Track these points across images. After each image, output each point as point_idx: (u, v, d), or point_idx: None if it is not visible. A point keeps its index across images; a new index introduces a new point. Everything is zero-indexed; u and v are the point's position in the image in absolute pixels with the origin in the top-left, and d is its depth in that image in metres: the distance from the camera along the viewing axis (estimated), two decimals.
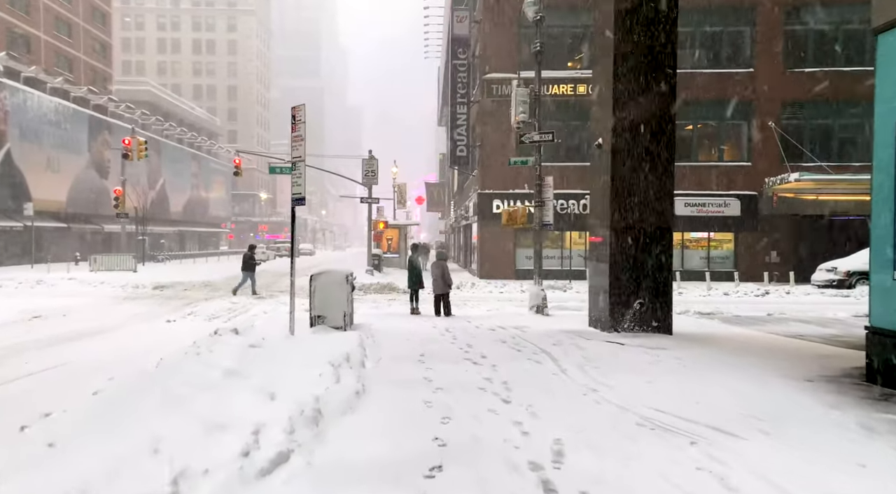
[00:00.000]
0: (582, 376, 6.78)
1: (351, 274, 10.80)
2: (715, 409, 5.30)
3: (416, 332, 10.73)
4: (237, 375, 5.96)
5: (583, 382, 6.48)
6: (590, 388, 6.14)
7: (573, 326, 11.54)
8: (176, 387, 5.15)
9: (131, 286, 20.06)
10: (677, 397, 5.73)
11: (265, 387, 5.53)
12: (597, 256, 10.99)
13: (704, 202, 25.03)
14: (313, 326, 10.06)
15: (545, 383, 6.43)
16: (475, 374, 6.94)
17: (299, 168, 8.90)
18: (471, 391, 6.08)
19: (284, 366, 6.55)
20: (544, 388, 6.17)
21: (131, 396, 4.76)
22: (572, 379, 6.66)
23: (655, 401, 5.55)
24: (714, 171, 25.02)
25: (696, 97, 24.78)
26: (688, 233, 25.79)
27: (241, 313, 14.10)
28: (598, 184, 10.96)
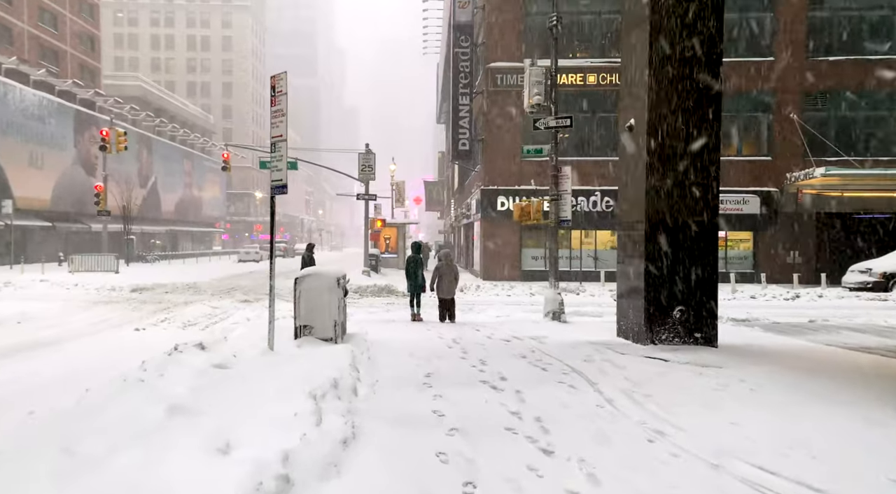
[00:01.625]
0: (635, 409, 5.29)
1: (343, 276, 9.31)
2: (840, 467, 3.82)
3: (419, 344, 9.25)
4: (186, 413, 4.46)
5: (639, 418, 4.99)
6: (654, 430, 4.65)
7: (599, 336, 10.07)
8: (86, 440, 3.65)
9: (107, 288, 18.54)
10: (778, 445, 4.25)
11: (219, 434, 4.03)
12: (627, 257, 9.52)
13: (722, 199, 23.41)
14: (298, 338, 8.57)
15: (591, 421, 4.94)
16: (497, 405, 5.46)
17: (280, 149, 7.41)
18: (496, 434, 4.60)
19: (253, 397, 5.06)
20: (593, 430, 4.68)
21: (6, 464, 3.26)
22: (624, 413, 5.18)
23: (752, 453, 4.07)
24: (732, 166, 23.57)
25: None
26: None
27: (221, 319, 12.61)
28: (630, 174, 9.49)
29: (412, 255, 12.35)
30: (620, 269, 9.81)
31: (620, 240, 9.90)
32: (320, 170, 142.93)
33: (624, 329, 9.65)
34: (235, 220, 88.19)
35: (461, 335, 10.39)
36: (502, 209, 24.23)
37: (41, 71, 38.13)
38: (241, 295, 17.49)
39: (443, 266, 12.06)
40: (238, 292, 18.50)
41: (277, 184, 7.47)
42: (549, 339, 9.74)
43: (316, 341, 8.44)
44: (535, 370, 7.19)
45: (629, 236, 9.46)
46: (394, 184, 44.34)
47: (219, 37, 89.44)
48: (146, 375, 5.47)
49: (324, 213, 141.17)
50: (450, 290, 11.94)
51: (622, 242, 9.81)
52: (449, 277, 11.89)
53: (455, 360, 7.93)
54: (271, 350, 7.53)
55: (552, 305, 12.21)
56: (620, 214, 9.94)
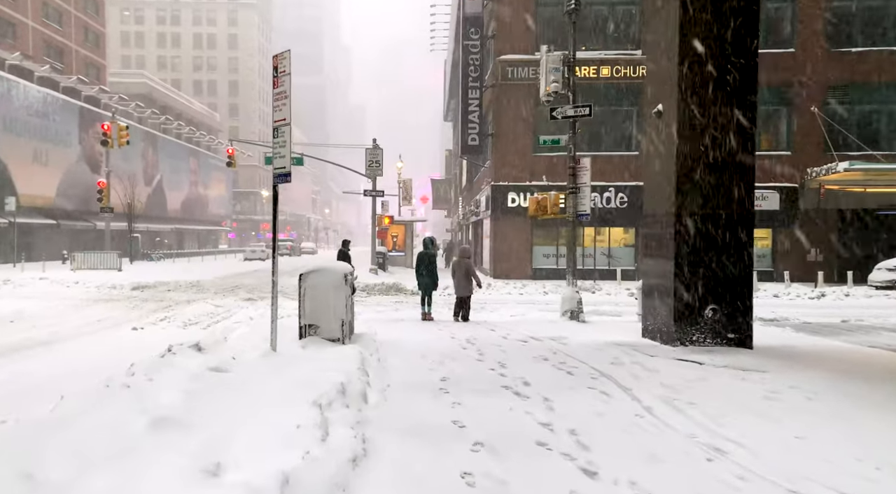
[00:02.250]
0: (680, 420, 4.69)
1: (350, 272, 8.75)
2: None
3: (431, 345, 8.67)
4: (173, 426, 3.90)
5: (688, 431, 4.40)
6: (709, 446, 4.05)
7: (622, 337, 9.46)
8: (52, 460, 3.09)
9: (108, 286, 18.06)
10: (861, 466, 3.64)
11: (209, 452, 3.48)
12: (654, 252, 8.90)
13: None
14: (303, 338, 8.01)
15: (633, 434, 4.35)
16: (524, 414, 4.88)
17: (283, 134, 6.85)
18: (528, 449, 4.01)
19: (250, 407, 4.50)
20: (638, 446, 4.09)
21: None
22: (668, 424, 4.58)
23: (832, 476, 3.47)
24: None
25: None
26: None
27: (223, 318, 12.08)
28: (657, 163, 8.87)
29: (424, 251, 11.80)
30: (645, 266, 9.21)
31: (645, 234, 9.28)
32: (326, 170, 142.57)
33: (650, 329, 9.04)
34: (242, 219, 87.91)
35: (475, 335, 9.81)
36: (513, 205, 23.62)
37: (45, 67, 37.74)
38: (245, 294, 16.97)
39: (457, 263, 11.48)
40: (242, 290, 17.99)
41: (281, 172, 6.90)
42: (569, 340, 9.15)
43: (322, 342, 7.89)
44: (560, 374, 6.60)
45: (655, 230, 8.84)
46: (401, 182, 43.78)
47: (225, 35, 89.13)
48: (133, 380, 4.91)
49: (330, 212, 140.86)
50: (465, 288, 11.34)
51: (647, 237, 9.20)
52: (463, 275, 11.33)
53: (471, 363, 7.35)
54: (274, 351, 6.97)
55: (570, 304, 11.61)
56: (645, 207, 9.32)
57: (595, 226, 23.89)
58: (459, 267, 11.53)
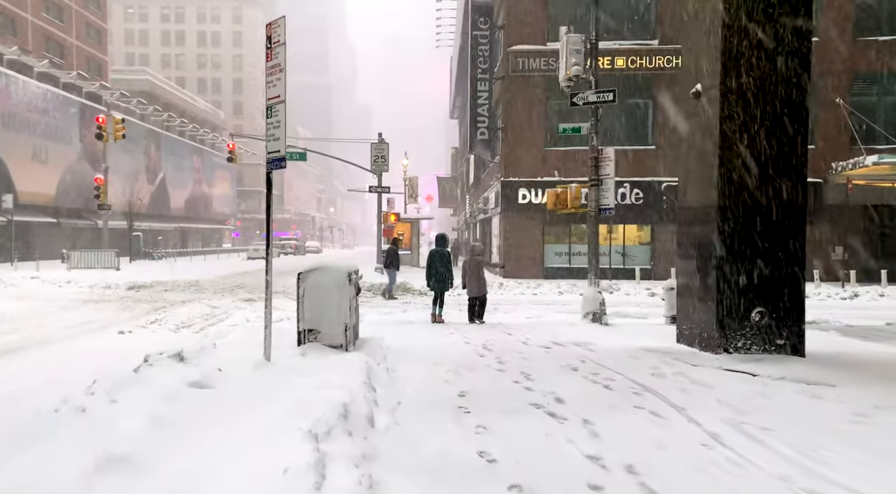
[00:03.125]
0: (761, 452, 3.81)
1: (355, 271, 7.90)
2: None
3: (445, 352, 7.82)
4: (126, 469, 3.06)
5: (776, 469, 3.51)
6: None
7: (654, 342, 8.58)
8: None
9: (102, 286, 17.28)
10: None
11: None
12: (691, 249, 8.01)
13: None
14: (302, 344, 7.16)
15: (710, 474, 3.47)
16: (565, 443, 4.01)
17: (277, 113, 6.00)
18: None
19: (230, 438, 3.64)
20: (720, 491, 3.20)
21: None
22: (747, 458, 3.70)
23: None
24: None
25: None
26: None
27: (218, 321, 11.25)
28: (695, 150, 7.97)
29: (436, 249, 11.03)
30: (682, 265, 8.31)
31: (681, 229, 8.39)
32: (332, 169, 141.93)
33: (687, 334, 8.15)
34: (247, 218, 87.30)
35: (491, 340, 8.95)
36: (524, 202, 22.73)
37: (44, 62, 37.03)
38: (245, 294, 16.16)
39: (470, 261, 10.76)
40: (242, 290, 17.18)
41: (275, 157, 6.06)
42: (597, 346, 8.27)
43: (322, 349, 7.03)
44: (595, 388, 5.73)
45: (693, 224, 7.95)
46: (406, 180, 42.96)
47: (229, 32, 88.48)
48: (92, 401, 4.07)
49: (335, 211, 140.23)
50: (478, 288, 10.61)
51: (684, 234, 8.30)
52: (475, 273, 10.65)
53: (491, 373, 6.49)
54: (268, 361, 6.12)
55: (592, 305, 10.73)
56: (681, 200, 8.42)
57: (609, 224, 22.96)
58: (472, 266, 10.74)
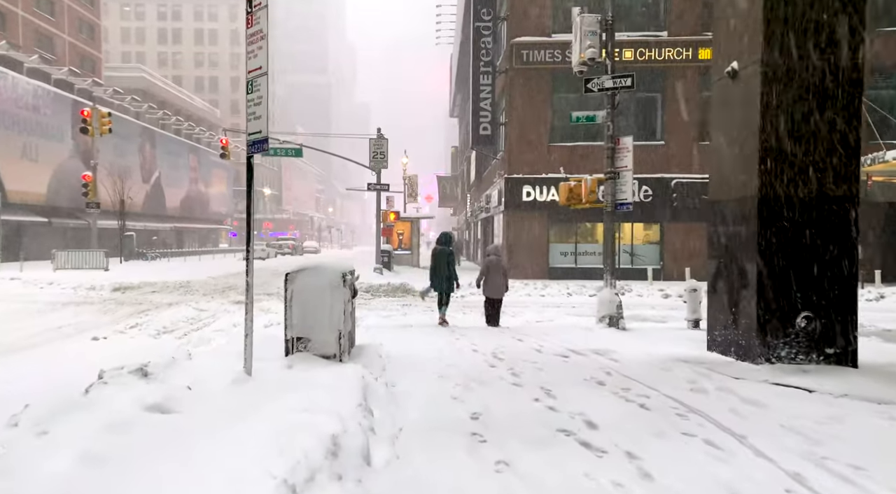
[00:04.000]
0: None
1: (351, 271, 7.07)
2: None
3: (451, 361, 7.00)
4: None
5: None
6: None
7: (681, 350, 7.77)
8: None
9: (86, 287, 16.43)
10: None
11: None
12: (725, 247, 7.19)
13: None
14: (290, 354, 6.34)
15: None
16: (612, 488, 3.18)
17: (259, 89, 5.17)
18: None
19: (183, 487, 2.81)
20: None
21: None
22: None
23: None
24: None
25: None
26: None
27: (204, 325, 10.42)
28: (729, 136, 7.15)
29: (440, 248, 10.40)
30: (715, 265, 7.47)
31: (713, 225, 7.56)
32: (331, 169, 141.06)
33: (720, 341, 7.32)
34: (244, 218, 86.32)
35: (501, 346, 8.12)
36: (528, 200, 21.91)
37: (34, 57, 36.12)
38: (236, 296, 15.32)
39: (492, 260, 10.30)
40: (233, 292, 16.34)
41: (256, 139, 5.22)
42: (619, 354, 7.45)
43: (313, 359, 6.21)
44: (630, 408, 4.90)
45: (728, 219, 7.12)
46: (406, 178, 42.17)
47: (227, 31, 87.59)
48: (15, 435, 3.25)
49: (334, 211, 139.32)
50: (501, 289, 10.22)
51: (715, 229, 7.48)
52: (499, 273, 10.20)
53: (506, 388, 5.67)
54: (248, 375, 5.28)
55: (608, 308, 9.91)
56: (713, 194, 7.59)
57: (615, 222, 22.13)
58: (495, 266, 10.26)
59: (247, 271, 5.49)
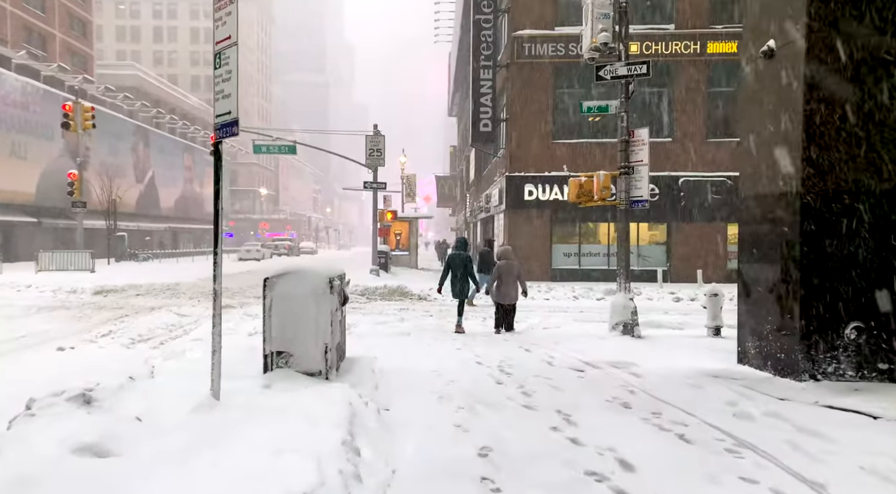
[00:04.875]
0: None
1: (340, 275, 6.29)
2: None
3: (452, 376, 6.22)
4: None
5: None
6: None
7: (708, 362, 6.99)
8: None
9: (67, 290, 15.60)
10: None
11: None
12: (761, 249, 6.42)
13: None
14: (269, 371, 5.55)
15: None
16: None
17: (228, 62, 4.39)
18: None
19: None
20: None
21: None
22: None
23: None
24: None
25: None
26: None
27: (184, 332, 9.63)
28: (764, 124, 6.37)
29: (457, 253, 10.11)
30: (748, 268, 6.69)
31: (745, 224, 6.78)
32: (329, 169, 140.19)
33: (754, 353, 6.54)
34: (240, 218, 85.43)
35: (508, 358, 7.34)
36: (530, 199, 21.12)
37: (21, 52, 35.20)
38: (224, 299, 14.49)
39: (503, 265, 9.79)
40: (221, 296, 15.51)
41: (225, 121, 4.44)
42: (640, 368, 6.67)
43: (295, 377, 5.42)
44: (668, 441, 4.12)
45: (764, 218, 6.35)
46: (404, 178, 41.36)
47: None
48: None
49: (332, 212, 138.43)
50: (512, 295, 9.73)
51: (748, 228, 6.70)
52: (511, 278, 9.66)
53: (518, 413, 4.89)
54: (216, 399, 4.49)
55: (622, 314, 9.13)
56: (745, 190, 6.81)
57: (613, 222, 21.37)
58: (508, 270, 9.74)
59: (214, 276, 4.71)
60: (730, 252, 21.09)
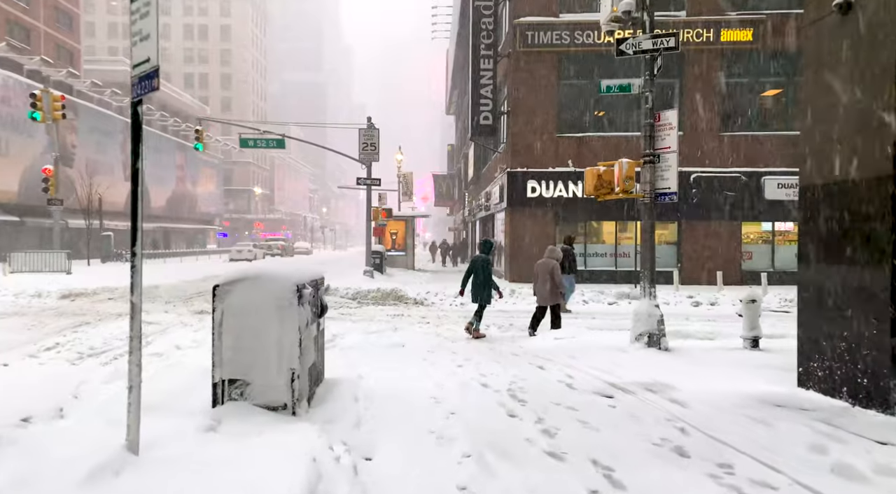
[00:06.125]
0: None
1: (317, 281, 5.11)
2: None
3: (453, 406, 5.04)
4: None
5: None
6: None
7: (760, 385, 5.81)
8: None
9: (30, 294, 14.35)
10: None
11: None
12: (832, 250, 5.23)
13: None
14: (219, 404, 4.36)
15: None
16: None
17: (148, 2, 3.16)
18: None
19: None
20: None
21: None
22: None
23: None
24: None
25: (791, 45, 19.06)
26: (780, 222, 20.04)
27: (146, 343, 8.36)
28: (836, 95, 5.17)
29: (480, 255, 9.57)
30: (813, 273, 5.50)
31: (808, 218, 5.59)
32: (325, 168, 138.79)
33: (821, 376, 5.35)
34: (235, 218, 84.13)
35: (520, 379, 6.16)
36: (533, 196, 19.93)
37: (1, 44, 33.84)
38: (201, 304, 13.29)
39: (540, 263, 9.61)
40: (199, 299, 14.31)
41: (144, 71, 3.26)
42: (681, 393, 5.50)
43: (252, 413, 4.24)
44: None
45: (839, 209, 5.16)
46: (401, 176, 40.13)
47: (217, 26, 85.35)
48: None
49: (328, 212, 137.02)
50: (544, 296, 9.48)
51: (813, 223, 5.51)
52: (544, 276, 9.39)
53: (540, 463, 3.70)
54: (133, 454, 3.29)
55: (647, 324, 7.94)
56: (806, 174, 5.62)
57: (621, 221, 20.26)
58: (542, 268, 9.49)
59: (132, 285, 3.51)
60: (744, 252, 19.96)
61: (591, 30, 19.36)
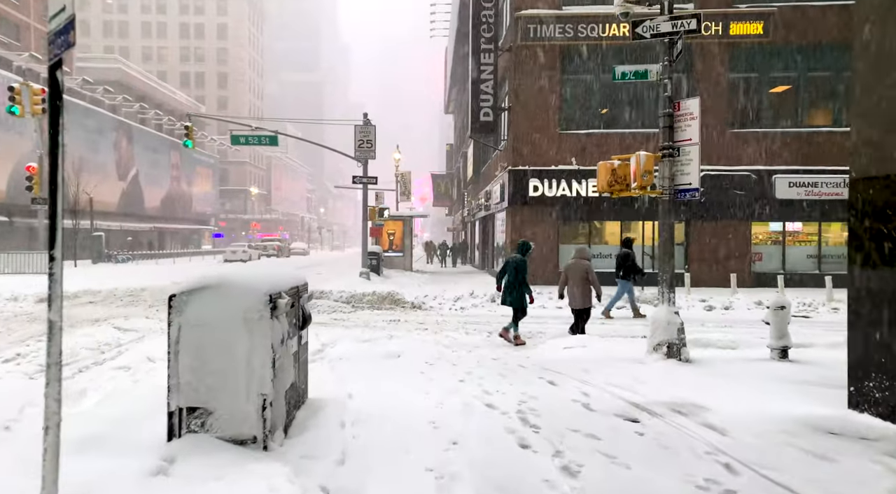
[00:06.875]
0: None
1: (297, 288, 4.41)
2: None
3: (454, 432, 4.33)
4: None
5: None
6: None
7: (799, 404, 5.11)
8: None
9: (5, 298, 13.62)
10: None
11: None
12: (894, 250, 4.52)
13: (816, 181, 18.53)
14: (176, 438, 3.64)
15: None
16: None
17: None
18: None
19: None
20: None
21: None
22: None
23: None
24: (829, 139, 18.54)
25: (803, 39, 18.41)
26: (791, 222, 19.36)
27: (116, 354, 7.69)
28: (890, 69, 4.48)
29: (514, 256, 9.12)
30: (866, 277, 4.79)
31: (862, 215, 4.88)
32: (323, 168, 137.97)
33: (878, 398, 4.64)
34: (231, 218, 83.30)
35: (530, 398, 5.46)
36: (535, 195, 19.22)
37: None
38: None
39: (570, 264, 9.53)
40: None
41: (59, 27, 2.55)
42: (717, 416, 4.79)
43: (214, 448, 3.52)
44: None
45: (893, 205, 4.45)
46: (398, 175, 39.41)
47: (214, 25, 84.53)
48: None
49: (326, 212, 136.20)
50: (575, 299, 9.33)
51: (868, 220, 4.80)
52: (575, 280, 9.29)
53: None
54: None
55: (666, 332, 7.23)
56: (860, 164, 4.91)
57: (626, 221, 19.57)
58: (573, 270, 9.40)
59: (49, 299, 2.78)
60: (755, 253, 19.29)
61: (596, 23, 18.68)
